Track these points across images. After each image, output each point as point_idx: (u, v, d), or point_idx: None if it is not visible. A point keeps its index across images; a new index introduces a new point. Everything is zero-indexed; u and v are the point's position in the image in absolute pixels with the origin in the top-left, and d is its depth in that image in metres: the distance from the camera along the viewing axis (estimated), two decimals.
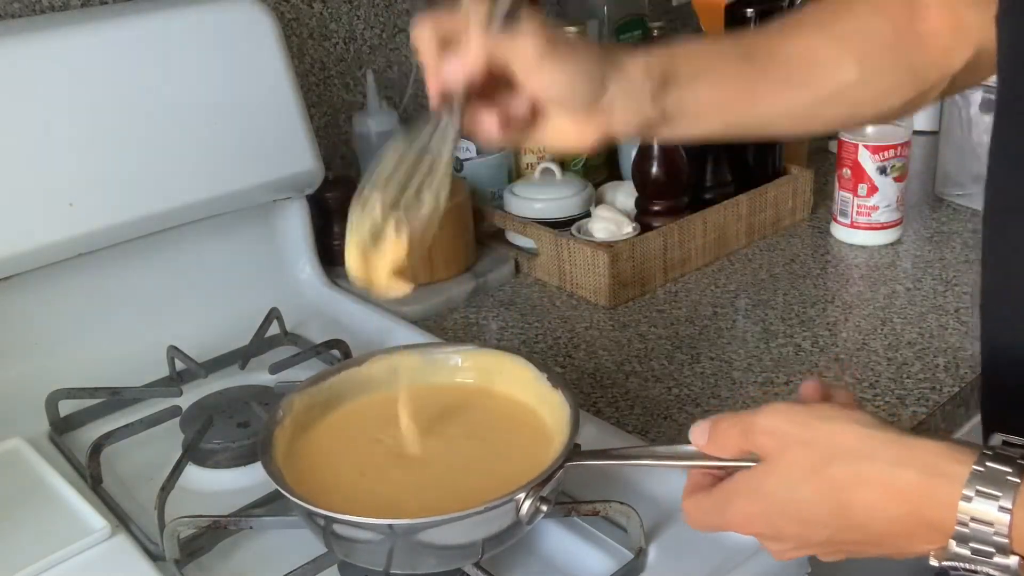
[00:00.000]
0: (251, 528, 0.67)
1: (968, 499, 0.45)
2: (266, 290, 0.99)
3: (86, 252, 0.87)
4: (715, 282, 1.06)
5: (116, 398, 0.83)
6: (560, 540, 0.67)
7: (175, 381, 0.86)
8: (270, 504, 0.69)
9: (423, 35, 0.58)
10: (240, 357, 0.89)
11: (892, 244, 1.12)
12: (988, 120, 1.13)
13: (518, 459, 0.63)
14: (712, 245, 1.10)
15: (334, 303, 1.02)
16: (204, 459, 0.76)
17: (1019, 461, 0.45)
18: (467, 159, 1.14)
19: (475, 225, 1.09)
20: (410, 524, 0.57)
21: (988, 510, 0.45)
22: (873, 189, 1.09)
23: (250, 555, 0.67)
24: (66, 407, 0.82)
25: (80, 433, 0.82)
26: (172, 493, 0.69)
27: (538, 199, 1.09)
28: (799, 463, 0.50)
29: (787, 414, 0.51)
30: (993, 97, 0.62)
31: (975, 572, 0.47)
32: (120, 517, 0.69)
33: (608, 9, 1.28)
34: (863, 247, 1.11)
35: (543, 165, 1.13)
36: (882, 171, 1.08)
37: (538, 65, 0.55)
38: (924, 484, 0.47)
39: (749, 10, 1.12)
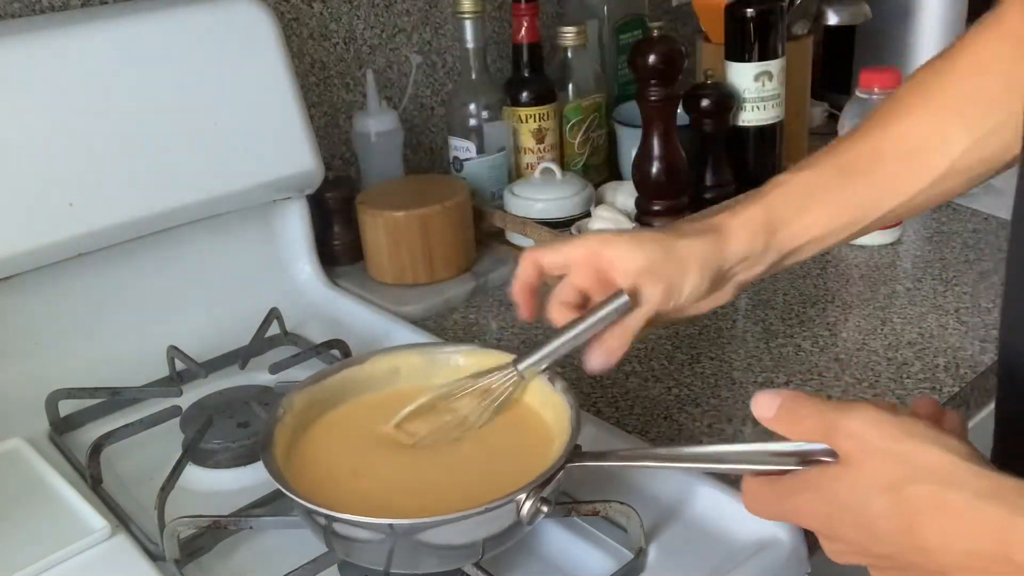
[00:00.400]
0: (251, 528, 0.67)
1: None
2: (266, 290, 0.99)
3: (86, 252, 0.87)
4: None
5: (116, 398, 0.83)
6: (560, 540, 0.67)
7: (175, 381, 0.86)
8: (270, 504, 0.69)
9: (527, 266, 0.66)
10: (240, 357, 0.89)
11: (892, 244, 1.12)
12: None
13: (520, 459, 0.63)
14: None
15: (334, 303, 1.02)
16: (204, 459, 0.76)
17: None
18: (467, 159, 1.14)
19: (475, 225, 1.09)
20: (410, 524, 0.57)
21: None
22: None
23: (250, 555, 0.67)
24: (66, 407, 0.82)
25: (80, 433, 0.82)
26: (172, 493, 0.69)
27: (538, 199, 1.09)
28: (879, 475, 0.48)
29: (877, 423, 0.49)
30: None
31: None
32: (120, 517, 0.69)
33: (608, 9, 1.28)
34: (863, 247, 1.11)
35: (543, 165, 1.13)
36: None
37: (666, 310, 0.64)
38: (1010, 522, 0.44)
39: (749, 10, 1.12)
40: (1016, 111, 0.61)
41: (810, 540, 0.68)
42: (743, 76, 1.15)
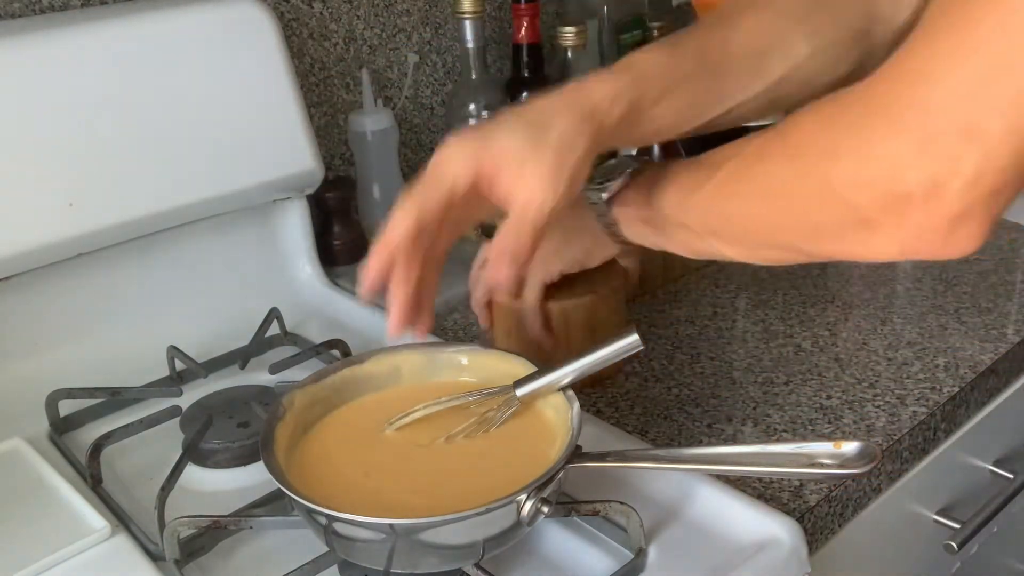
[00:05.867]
0: (251, 528, 0.67)
1: None
2: (266, 290, 0.99)
3: (86, 252, 0.87)
4: (715, 282, 1.06)
5: (116, 398, 0.83)
6: (560, 540, 0.67)
7: (175, 381, 0.86)
8: (270, 504, 0.69)
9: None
10: (240, 357, 0.89)
11: None
12: None
13: (521, 459, 0.63)
14: None
15: (334, 303, 1.01)
16: (204, 459, 0.76)
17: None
18: None
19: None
20: (411, 524, 0.57)
21: None
22: None
23: (250, 555, 0.67)
24: (66, 407, 0.82)
25: (80, 433, 0.81)
26: (172, 493, 0.69)
27: None
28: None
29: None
30: None
31: None
32: (120, 517, 0.69)
33: (608, 9, 1.28)
34: None
35: None
36: None
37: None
38: None
39: None
40: (849, 25, 0.64)
41: (811, 540, 0.69)
42: None
